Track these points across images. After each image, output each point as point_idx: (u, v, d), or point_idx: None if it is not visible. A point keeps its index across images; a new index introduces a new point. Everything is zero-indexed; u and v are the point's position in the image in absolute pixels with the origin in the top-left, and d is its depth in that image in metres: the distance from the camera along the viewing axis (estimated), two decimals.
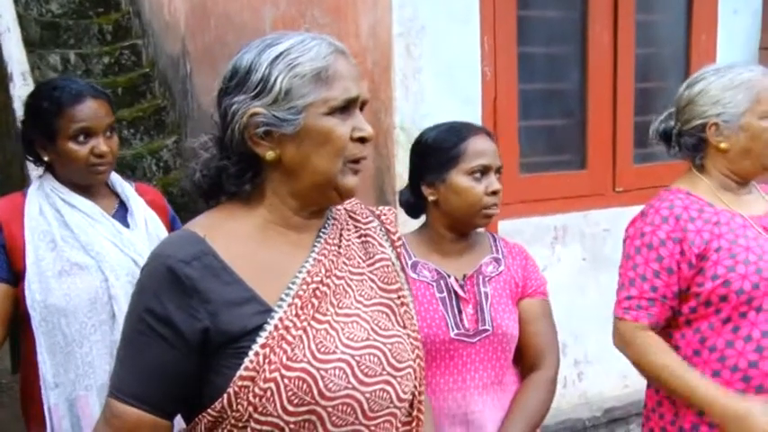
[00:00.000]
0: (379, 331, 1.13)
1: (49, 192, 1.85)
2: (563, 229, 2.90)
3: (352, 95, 1.12)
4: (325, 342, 1.08)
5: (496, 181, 1.67)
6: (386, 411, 1.12)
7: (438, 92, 2.53)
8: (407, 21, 2.47)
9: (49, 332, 1.77)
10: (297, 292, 1.09)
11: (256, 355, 1.05)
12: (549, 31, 2.94)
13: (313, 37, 1.14)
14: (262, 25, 3.55)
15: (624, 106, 3.00)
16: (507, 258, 1.75)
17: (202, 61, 4.52)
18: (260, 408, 1.04)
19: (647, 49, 3.08)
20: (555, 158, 2.99)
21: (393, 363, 1.12)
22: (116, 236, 1.84)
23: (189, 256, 1.07)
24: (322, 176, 1.12)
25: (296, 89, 1.09)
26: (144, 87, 5.41)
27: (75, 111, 1.81)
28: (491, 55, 2.65)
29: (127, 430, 1.08)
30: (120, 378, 1.10)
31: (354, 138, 1.12)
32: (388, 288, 1.20)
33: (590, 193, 2.97)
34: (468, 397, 1.64)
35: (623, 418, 2.99)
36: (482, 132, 1.71)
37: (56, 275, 1.77)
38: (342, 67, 1.13)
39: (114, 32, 5.74)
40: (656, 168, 3.15)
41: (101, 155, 1.82)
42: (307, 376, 1.05)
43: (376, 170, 2.59)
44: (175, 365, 1.07)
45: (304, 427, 1.06)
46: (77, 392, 1.77)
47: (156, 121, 5.22)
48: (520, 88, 2.75)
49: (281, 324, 1.07)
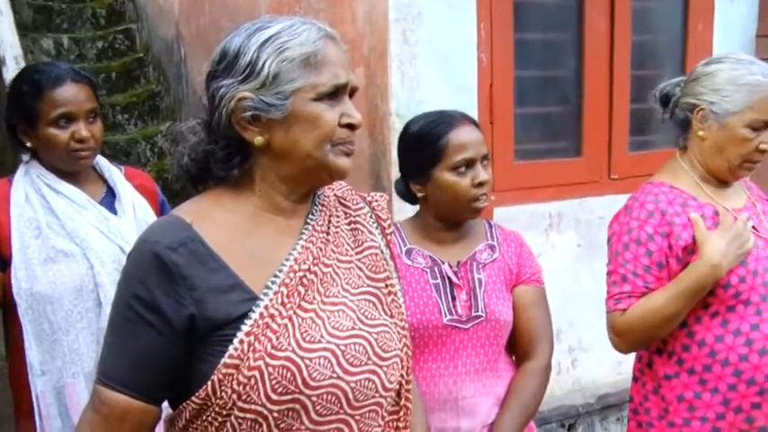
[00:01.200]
0: (365, 320, 1.13)
1: (35, 178, 1.82)
2: (558, 216, 2.91)
3: (340, 81, 1.11)
4: (310, 331, 1.07)
5: (483, 171, 1.64)
6: (371, 401, 1.11)
7: (434, 78, 2.52)
8: (404, 6, 2.46)
9: (35, 320, 1.76)
10: (283, 280, 1.09)
11: (241, 343, 1.04)
12: (545, 18, 2.93)
13: (303, 21, 1.12)
14: (257, 9, 3.52)
15: (620, 94, 2.99)
16: (502, 245, 1.75)
17: (197, 46, 4.49)
18: (244, 396, 1.04)
19: (644, 36, 3.08)
20: (550, 145, 2.99)
21: (379, 352, 1.12)
22: (102, 222, 1.82)
23: (175, 243, 1.07)
24: (312, 160, 1.11)
25: (284, 74, 1.08)
26: (138, 72, 5.37)
27: (54, 95, 1.78)
28: (487, 41, 2.64)
29: (115, 417, 1.07)
30: (108, 365, 1.10)
31: (342, 124, 1.11)
32: (376, 277, 1.19)
33: (585, 181, 2.98)
34: (459, 383, 1.64)
35: (617, 405, 3.01)
36: (463, 123, 1.66)
37: (41, 263, 1.75)
38: (331, 52, 1.11)
39: (108, 16, 5.68)
40: (652, 156, 3.14)
41: (81, 140, 1.79)
42: (291, 365, 1.04)
43: (372, 156, 2.59)
44: (162, 352, 1.07)
45: (288, 416, 1.06)
46: (65, 380, 1.77)
47: (151, 106, 5.19)
48: (516, 75, 2.75)
49: (266, 312, 1.06)
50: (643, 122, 3.14)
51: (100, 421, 1.08)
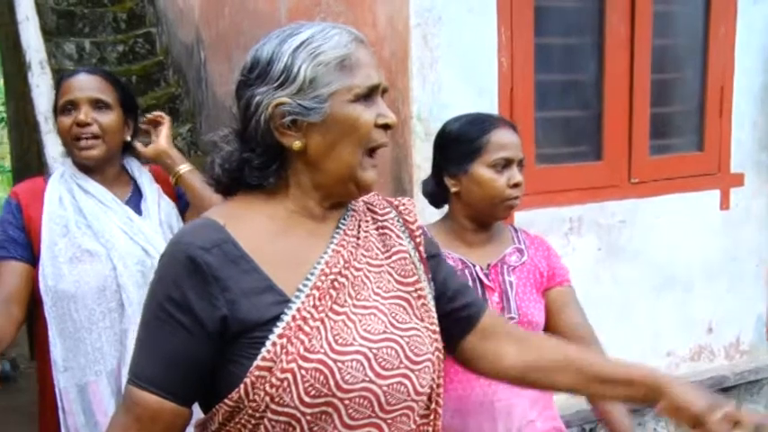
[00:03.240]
0: (396, 324, 1.13)
1: (68, 177, 1.87)
2: (578, 219, 2.90)
3: (374, 82, 1.12)
4: (342, 334, 1.07)
5: (519, 173, 1.68)
6: (403, 405, 1.11)
7: (455, 82, 2.52)
8: (425, 11, 2.47)
9: (59, 317, 1.79)
10: (315, 283, 1.09)
11: (273, 345, 1.04)
12: (566, 22, 2.93)
13: (333, 26, 1.14)
14: (277, 13, 3.55)
15: (641, 97, 2.98)
16: (530, 249, 1.76)
17: (216, 49, 4.52)
18: (276, 398, 1.04)
19: (665, 39, 3.06)
20: (571, 149, 2.98)
21: (411, 356, 1.11)
22: (127, 223, 1.83)
23: (209, 243, 1.07)
24: (344, 167, 1.12)
25: (320, 77, 1.09)
26: (158, 75, 5.42)
27: (64, 85, 1.86)
28: (508, 45, 2.65)
29: (147, 417, 1.08)
30: (141, 365, 1.10)
31: (378, 124, 1.13)
32: (405, 281, 1.19)
33: (606, 185, 2.97)
34: (494, 385, 1.64)
35: (638, 409, 2.99)
36: (506, 125, 1.72)
37: (67, 261, 1.78)
38: (362, 55, 1.13)
39: (129, 21, 5.74)
40: (672, 160, 3.14)
41: (79, 123, 1.80)
42: (323, 367, 1.04)
43: (393, 160, 2.60)
44: (194, 353, 1.07)
45: (321, 419, 1.06)
46: (87, 378, 1.79)
47: (171, 109, 5.23)
48: (536, 79, 2.74)
49: (298, 314, 1.06)
50: (664, 126, 3.12)
51: (132, 422, 1.08)
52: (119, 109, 1.87)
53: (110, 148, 1.86)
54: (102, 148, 1.84)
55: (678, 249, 3.12)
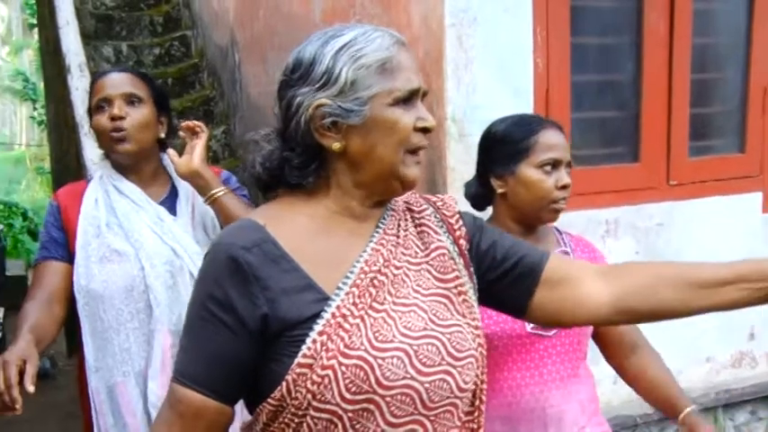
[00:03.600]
0: (437, 321, 1.13)
1: (105, 178, 1.89)
2: (615, 222, 2.85)
3: (414, 86, 1.13)
4: (382, 331, 1.08)
5: (566, 175, 1.65)
6: (446, 401, 1.11)
7: (490, 83, 2.50)
8: (460, 11, 2.45)
9: (89, 317, 1.81)
10: (354, 281, 1.10)
11: (314, 343, 1.06)
12: (602, 21, 2.88)
13: (375, 29, 1.15)
14: (311, 15, 3.56)
15: (680, 98, 2.92)
16: (576, 251, 1.74)
17: (251, 51, 4.55)
18: (318, 395, 1.05)
19: (705, 38, 3.00)
20: (608, 151, 2.93)
21: (452, 352, 1.11)
22: (157, 223, 1.83)
23: (249, 243, 1.09)
24: (386, 166, 1.13)
25: (361, 80, 1.11)
26: (193, 78, 5.49)
27: (97, 85, 1.88)
28: (543, 46, 2.61)
29: (191, 414, 1.10)
30: (184, 364, 1.12)
31: (418, 127, 1.13)
32: (445, 278, 1.19)
33: (643, 187, 2.91)
34: (545, 391, 1.63)
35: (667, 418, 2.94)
36: (553, 126, 1.70)
37: (98, 261, 1.79)
38: (404, 58, 1.14)
39: (165, 24, 5.82)
40: (712, 161, 3.07)
41: (113, 117, 1.81)
42: (364, 364, 1.05)
43: (427, 162, 2.58)
44: (237, 352, 1.09)
45: (362, 416, 1.06)
46: (115, 378, 1.79)
47: (205, 111, 5.29)
48: (572, 79, 2.70)
49: (338, 312, 1.08)
50: (704, 127, 3.06)
51: (176, 419, 1.11)
52: (152, 104, 1.88)
53: (144, 143, 1.86)
54: (137, 144, 1.84)
55: (718, 253, 3.04)
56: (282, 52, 4.01)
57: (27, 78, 16.96)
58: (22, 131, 28.75)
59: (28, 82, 16.60)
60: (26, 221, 10.30)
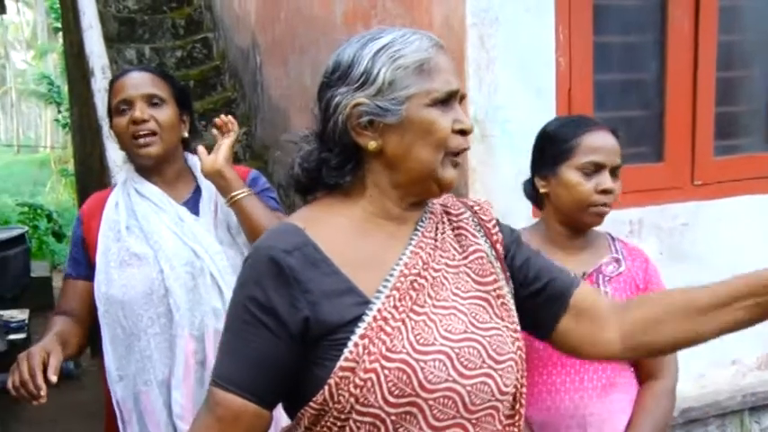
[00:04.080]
0: (477, 324, 1.13)
1: (128, 182, 1.85)
2: (639, 222, 2.82)
3: (453, 88, 1.13)
4: (423, 334, 1.08)
5: (609, 179, 1.62)
6: (488, 405, 1.11)
7: (512, 83, 2.49)
8: (481, 11, 2.44)
9: (110, 324, 1.75)
10: (394, 284, 1.10)
11: (356, 346, 1.06)
12: (626, 19, 2.85)
13: (414, 32, 1.16)
14: (332, 17, 3.56)
15: (705, 96, 2.88)
16: (627, 260, 1.70)
17: (272, 53, 4.57)
18: (361, 399, 1.05)
19: (731, 35, 2.95)
20: (631, 150, 2.88)
21: (493, 355, 1.11)
22: (177, 224, 1.78)
23: (290, 246, 1.10)
24: (423, 167, 1.12)
25: (399, 80, 1.11)
26: (215, 80, 5.53)
27: (116, 85, 1.82)
28: (566, 45, 2.59)
29: (229, 418, 1.10)
30: (224, 367, 1.12)
31: (455, 130, 1.13)
32: (484, 281, 1.19)
33: (667, 187, 2.88)
34: (585, 398, 1.61)
35: (701, 419, 2.90)
36: (601, 128, 1.66)
37: (117, 266, 1.75)
38: (442, 60, 1.14)
39: (186, 26, 5.88)
40: (738, 161, 3.03)
41: (135, 120, 1.75)
42: (406, 367, 1.05)
43: None
44: (278, 355, 1.09)
45: (405, 419, 1.06)
46: (139, 387, 1.74)
47: (227, 113, 5.29)
48: (595, 79, 2.68)
49: (379, 315, 1.08)
50: (730, 126, 3.02)
51: (214, 422, 1.11)
52: (174, 104, 1.83)
53: (168, 144, 1.81)
54: (161, 145, 1.79)
55: (744, 253, 3.00)
56: (303, 54, 4.02)
57: (52, 82, 17.19)
58: (47, 134, 29.17)
59: (53, 85, 16.83)
60: (51, 223, 10.42)
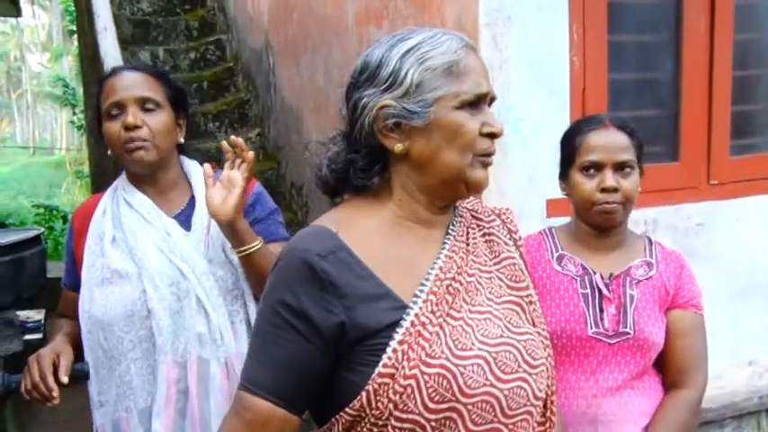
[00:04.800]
0: (512, 329, 1.12)
1: (119, 190, 1.72)
2: (654, 222, 2.80)
3: (482, 91, 1.12)
4: (461, 338, 1.07)
5: (610, 177, 1.61)
6: (523, 409, 1.10)
7: (525, 83, 2.47)
8: (494, 11, 2.43)
9: (91, 346, 1.64)
10: (431, 289, 1.09)
11: (394, 352, 1.05)
12: (641, 18, 2.83)
13: (444, 32, 1.14)
14: (344, 17, 3.57)
15: (721, 95, 2.86)
16: (660, 264, 1.68)
17: (285, 54, 4.58)
18: (401, 405, 1.04)
19: (747, 34, 2.93)
20: (646, 150, 2.85)
21: (528, 360, 1.11)
22: (165, 240, 1.63)
23: (325, 251, 1.08)
24: (452, 170, 1.11)
25: (427, 82, 1.09)
26: (228, 81, 5.56)
27: (108, 86, 1.67)
28: (580, 44, 2.58)
29: (258, 423, 1.08)
30: (253, 371, 1.11)
31: (484, 133, 1.11)
32: (517, 286, 1.18)
33: (683, 186, 2.85)
34: (599, 398, 1.60)
35: (717, 420, 2.88)
36: (605, 126, 1.65)
37: (99, 283, 1.63)
38: (472, 62, 1.12)
39: (200, 28, 5.91)
40: (755, 160, 3.00)
41: (127, 127, 1.61)
42: (446, 372, 1.04)
43: None
44: (309, 360, 1.07)
45: (445, 425, 1.05)
46: (119, 414, 1.62)
47: (240, 114, 5.34)
48: (610, 78, 2.66)
49: (417, 320, 1.06)
50: (746, 125, 2.99)
51: (242, 426, 1.09)
52: (169, 108, 1.68)
53: (162, 152, 1.66)
54: (154, 153, 1.64)
55: (760, 253, 2.98)
56: (316, 55, 4.02)
57: (67, 84, 17.32)
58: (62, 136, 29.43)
59: (68, 87, 16.96)
60: (66, 224, 10.50)
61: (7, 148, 29.09)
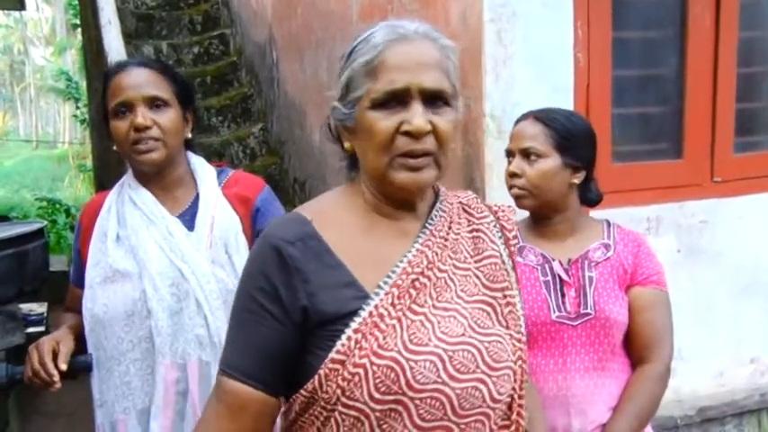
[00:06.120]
0: (476, 328, 1.12)
1: (125, 188, 1.71)
2: (657, 219, 2.80)
3: (396, 87, 1.07)
4: (418, 333, 1.08)
5: (515, 163, 1.70)
6: (477, 410, 1.10)
7: (529, 79, 2.47)
8: (498, 6, 2.42)
9: (93, 345, 1.64)
10: (395, 281, 1.10)
11: (348, 340, 1.06)
12: (645, 15, 2.82)
13: (387, 24, 1.12)
14: (348, 12, 3.56)
15: (725, 92, 2.85)
16: (618, 245, 1.73)
17: (289, 49, 4.58)
18: (347, 392, 1.06)
19: (753, 31, 2.92)
20: (650, 147, 2.88)
21: (488, 361, 1.10)
22: (166, 239, 1.62)
23: (293, 237, 1.11)
24: (375, 171, 1.12)
25: (352, 83, 1.12)
26: (231, 76, 5.55)
27: (114, 83, 1.64)
28: (584, 40, 2.57)
29: (237, 406, 1.10)
30: (230, 355, 1.13)
31: (401, 132, 1.07)
32: (493, 286, 1.18)
33: (686, 184, 2.85)
34: (569, 380, 1.65)
35: (718, 418, 2.87)
36: (525, 117, 1.75)
37: (101, 282, 1.62)
38: (394, 57, 1.08)
39: (204, 23, 5.90)
40: (759, 158, 2.99)
41: (137, 128, 1.59)
42: (395, 365, 1.05)
43: (465, 159, 2.56)
44: (283, 342, 1.10)
45: (390, 416, 1.06)
46: (117, 415, 1.62)
47: (243, 108, 5.34)
48: (614, 74, 2.66)
49: (375, 311, 1.08)
50: (750, 122, 2.98)
51: (223, 410, 1.11)
52: (177, 104, 1.67)
53: (171, 149, 1.65)
54: (164, 151, 1.63)
55: (763, 251, 2.97)
56: (319, 49, 4.02)
57: (70, 78, 17.31)
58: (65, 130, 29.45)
59: (71, 81, 16.95)
60: (69, 218, 10.51)
61: (10, 142, 29.12)
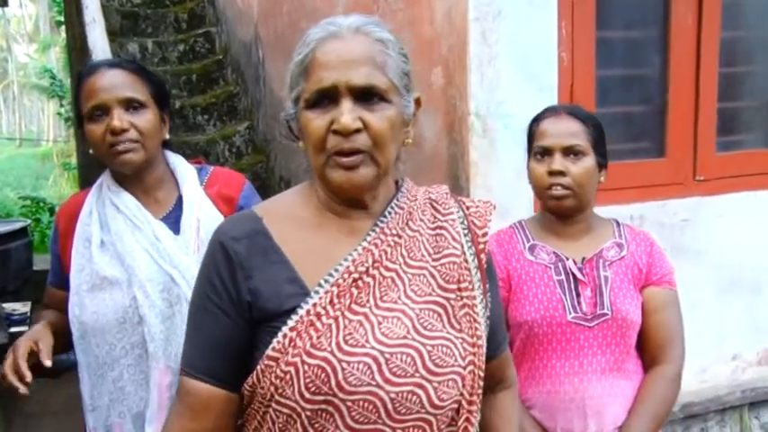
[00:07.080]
0: (421, 330, 1.08)
1: (105, 190, 1.67)
2: (640, 218, 2.82)
3: (324, 86, 1.06)
4: (354, 334, 1.06)
5: (558, 160, 1.63)
6: (415, 416, 1.07)
7: (514, 78, 2.48)
8: (484, 5, 2.43)
9: (84, 351, 1.64)
10: (336, 280, 1.08)
11: (284, 337, 1.06)
12: (629, 15, 2.84)
13: (327, 21, 1.13)
14: (334, 11, 3.56)
15: (707, 92, 2.88)
16: (631, 244, 1.72)
17: (275, 47, 4.57)
18: (279, 390, 1.06)
19: (735, 31, 2.95)
20: (633, 146, 2.90)
21: (429, 365, 1.07)
22: (153, 244, 1.60)
23: (240, 234, 1.12)
24: (315, 170, 1.12)
25: (292, 82, 1.12)
26: (217, 74, 5.53)
27: (88, 86, 1.60)
28: (568, 40, 2.59)
29: (200, 406, 1.11)
30: (189, 355, 1.14)
31: (332, 130, 1.06)
32: (449, 286, 1.13)
33: (669, 182, 2.87)
34: (585, 382, 1.62)
35: (700, 414, 2.91)
36: (557, 113, 1.70)
37: (88, 289, 1.61)
38: (322, 55, 1.07)
39: (189, 20, 5.87)
40: (741, 157, 3.03)
41: (113, 131, 1.55)
42: (327, 366, 1.04)
43: (449, 158, 2.57)
44: (236, 339, 1.11)
45: (321, 416, 1.05)
46: (112, 419, 1.62)
47: (229, 107, 5.33)
48: (598, 74, 2.68)
49: (313, 310, 1.07)
50: (732, 122, 3.01)
51: (185, 410, 1.12)
52: (153, 105, 1.64)
53: (150, 151, 1.63)
54: (142, 154, 1.61)
55: (745, 250, 3.01)
56: None
57: (54, 75, 17.20)
58: (49, 128, 29.19)
59: (55, 79, 16.84)
60: (53, 217, 10.45)
61: None
